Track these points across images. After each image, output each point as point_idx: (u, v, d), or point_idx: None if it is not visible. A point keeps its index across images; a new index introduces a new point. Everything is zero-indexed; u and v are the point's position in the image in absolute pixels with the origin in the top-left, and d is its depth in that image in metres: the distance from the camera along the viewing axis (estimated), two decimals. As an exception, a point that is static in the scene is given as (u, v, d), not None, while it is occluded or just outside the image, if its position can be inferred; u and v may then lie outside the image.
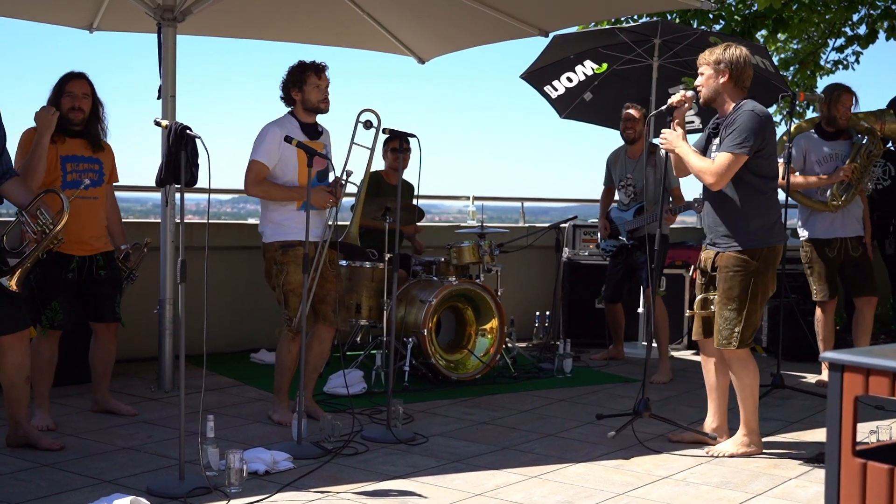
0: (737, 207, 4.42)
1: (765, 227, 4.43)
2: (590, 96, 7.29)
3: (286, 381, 4.96)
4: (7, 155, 4.22)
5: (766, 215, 4.44)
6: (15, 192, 4.19)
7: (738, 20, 10.11)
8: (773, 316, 7.31)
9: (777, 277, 4.59)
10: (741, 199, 4.41)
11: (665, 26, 6.63)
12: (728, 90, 4.46)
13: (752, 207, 4.41)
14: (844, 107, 5.99)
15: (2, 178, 4.18)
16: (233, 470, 3.71)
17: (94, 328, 4.95)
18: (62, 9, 6.73)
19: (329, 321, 4.92)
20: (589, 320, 7.59)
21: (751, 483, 4.03)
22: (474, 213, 8.42)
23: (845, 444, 2.01)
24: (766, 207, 4.45)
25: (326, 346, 5.01)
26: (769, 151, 4.43)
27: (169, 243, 5.60)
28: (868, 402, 5.26)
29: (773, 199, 4.53)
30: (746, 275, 4.40)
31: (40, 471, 3.97)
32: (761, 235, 4.42)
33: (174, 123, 3.92)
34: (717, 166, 4.36)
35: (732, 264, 4.42)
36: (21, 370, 4.17)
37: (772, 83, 6.73)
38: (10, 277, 3.99)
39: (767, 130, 4.40)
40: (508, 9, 6.42)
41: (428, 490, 3.84)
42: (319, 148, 4.86)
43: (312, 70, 4.85)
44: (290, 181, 4.82)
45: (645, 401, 4.74)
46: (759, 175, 4.41)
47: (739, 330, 4.41)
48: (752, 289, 4.41)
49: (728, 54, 4.45)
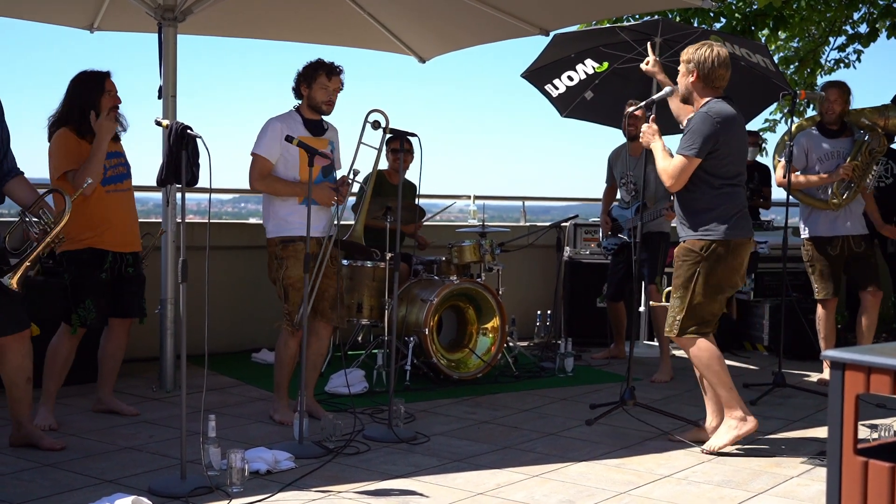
0: (693, 202, 4.53)
1: (718, 221, 4.47)
2: (591, 95, 7.28)
3: (285, 377, 4.96)
4: (11, 153, 4.22)
5: (720, 209, 4.48)
6: (19, 191, 4.19)
7: (739, 18, 10.11)
8: (774, 314, 7.32)
9: (778, 276, 4.61)
10: (697, 194, 4.51)
11: (666, 25, 6.61)
12: (698, 90, 4.53)
13: (706, 202, 4.49)
14: (829, 101, 6.01)
15: (6, 176, 4.18)
16: (234, 469, 3.71)
17: (111, 324, 4.96)
18: (63, 9, 6.73)
19: (327, 318, 4.92)
20: (590, 319, 7.60)
21: (752, 481, 4.03)
22: (475, 213, 8.42)
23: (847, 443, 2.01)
24: (720, 202, 4.49)
25: (325, 344, 5.01)
26: (724, 153, 4.46)
27: (170, 243, 5.60)
28: (869, 400, 5.26)
29: (730, 194, 4.51)
30: (693, 265, 4.48)
31: (42, 471, 3.98)
32: (712, 228, 4.47)
33: (175, 123, 3.92)
34: (671, 168, 4.47)
35: (682, 254, 4.54)
36: (22, 371, 4.17)
37: (773, 82, 6.73)
38: (12, 277, 3.99)
39: (722, 132, 4.42)
40: (509, 8, 6.42)
41: (429, 489, 3.84)
42: (323, 145, 4.85)
43: (324, 70, 4.86)
44: (293, 177, 4.83)
45: (630, 389, 4.87)
46: (713, 174, 4.47)
47: (680, 318, 4.50)
48: (698, 279, 4.48)
49: (697, 54, 4.50)
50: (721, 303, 4.60)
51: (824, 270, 6.04)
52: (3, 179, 4.17)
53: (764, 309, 7.42)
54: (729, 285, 4.57)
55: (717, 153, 4.44)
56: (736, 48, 6.52)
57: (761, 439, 4.74)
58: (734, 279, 4.57)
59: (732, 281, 4.57)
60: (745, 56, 6.53)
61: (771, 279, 7.47)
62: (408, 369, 5.87)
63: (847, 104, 6.06)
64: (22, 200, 4.18)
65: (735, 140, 4.52)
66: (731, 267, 4.51)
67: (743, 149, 4.62)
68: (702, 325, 4.51)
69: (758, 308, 7.49)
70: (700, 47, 4.51)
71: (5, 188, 4.18)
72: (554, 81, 7.28)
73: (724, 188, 4.50)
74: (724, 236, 4.47)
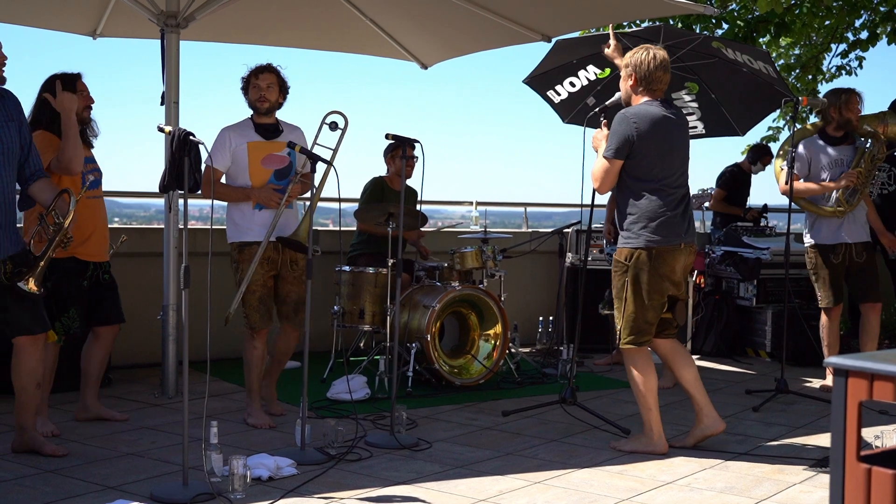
0: (621, 209, 4.54)
1: (639, 227, 4.44)
2: (593, 101, 7.28)
3: (255, 379, 5.04)
4: (35, 154, 4.22)
5: (640, 214, 4.44)
6: (41, 193, 4.19)
7: (741, 25, 10.11)
8: (776, 321, 7.32)
9: (780, 282, 4.61)
10: (621, 201, 4.53)
11: (668, 31, 6.62)
12: (635, 93, 4.52)
13: (629, 207, 4.48)
14: (856, 107, 5.99)
15: (30, 178, 4.19)
16: (236, 476, 3.71)
17: (96, 332, 4.95)
18: (66, 15, 6.74)
19: (290, 321, 5.05)
20: (593, 325, 7.59)
21: (755, 488, 4.03)
22: (477, 219, 8.42)
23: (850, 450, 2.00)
24: (641, 207, 4.44)
25: (291, 346, 5.15)
26: (642, 154, 4.41)
27: (172, 249, 5.60)
28: (872, 407, 5.25)
29: (653, 199, 4.43)
30: (621, 274, 4.50)
31: (44, 477, 3.97)
32: (635, 235, 4.45)
33: (177, 129, 3.93)
34: (594, 169, 4.52)
35: (613, 264, 4.57)
36: (33, 375, 4.18)
37: (775, 88, 6.73)
38: (27, 280, 4.00)
39: (638, 133, 4.37)
40: (511, 14, 6.43)
41: (432, 496, 3.83)
42: (278, 147, 4.98)
43: (253, 72, 5.04)
44: (244, 182, 4.95)
45: (572, 389, 5.01)
46: (633, 177, 4.45)
47: (620, 328, 4.52)
48: (626, 288, 4.47)
49: (635, 58, 4.50)
50: (656, 310, 4.50)
51: (828, 278, 6.03)
52: (28, 182, 4.18)
53: (766, 315, 7.42)
54: (658, 293, 4.46)
55: (636, 155, 4.40)
56: (738, 54, 6.53)
57: (764, 446, 4.74)
58: (663, 286, 4.47)
59: (661, 288, 4.46)
60: (746, 62, 6.53)
61: (773, 285, 7.46)
62: (410, 375, 5.87)
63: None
64: (44, 202, 4.19)
65: (656, 141, 4.41)
66: (658, 274, 4.44)
67: (669, 151, 4.46)
68: (639, 335, 4.48)
69: (760, 314, 7.48)
70: (638, 51, 4.52)
71: (30, 190, 4.19)
72: (556, 87, 7.28)
73: (645, 192, 4.43)
74: (644, 244, 4.41)
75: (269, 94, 5.00)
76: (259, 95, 5.00)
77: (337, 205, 5.17)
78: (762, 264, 7.42)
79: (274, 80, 5.03)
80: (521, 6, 6.38)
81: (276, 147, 4.98)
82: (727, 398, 5.90)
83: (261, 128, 5.03)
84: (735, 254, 7.62)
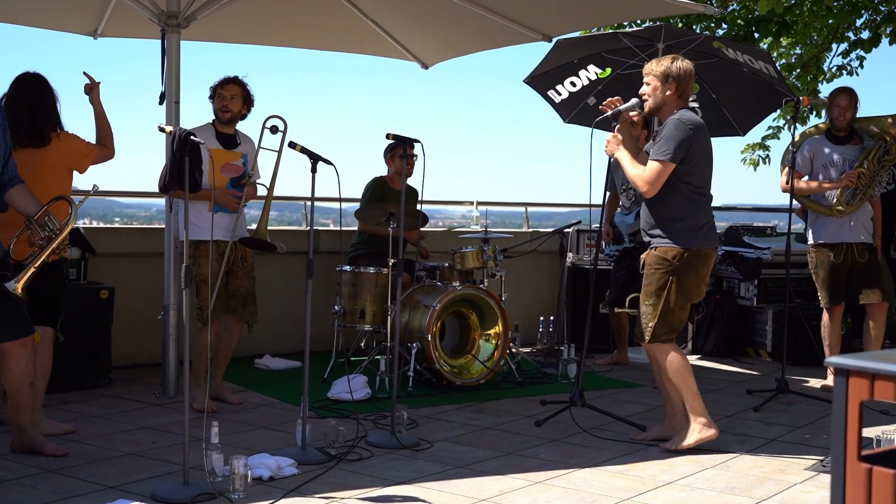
0: (664, 209, 4.60)
1: (689, 230, 4.57)
2: (593, 101, 7.28)
3: (201, 366, 5.25)
4: (12, 163, 4.21)
5: (691, 219, 4.58)
6: (20, 200, 4.17)
7: (742, 24, 10.10)
8: (777, 321, 7.31)
9: (781, 282, 4.63)
10: (668, 202, 4.58)
11: (668, 31, 6.62)
12: (671, 101, 4.63)
13: (677, 210, 4.57)
14: (839, 107, 6.01)
15: (7, 185, 4.18)
16: (237, 475, 3.71)
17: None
18: (66, 15, 6.74)
19: (237, 314, 5.33)
20: (593, 325, 7.57)
21: (756, 488, 4.02)
22: (478, 219, 8.42)
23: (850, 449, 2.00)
24: (692, 211, 4.59)
25: (235, 338, 5.41)
26: (695, 160, 4.55)
27: (173, 249, 5.60)
28: (873, 407, 5.25)
29: (701, 204, 4.62)
30: (665, 273, 4.55)
31: (45, 476, 3.97)
32: (684, 237, 4.57)
33: (178, 129, 3.93)
34: (647, 174, 4.53)
35: (654, 262, 4.61)
36: (25, 376, 4.16)
37: (775, 88, 6.73)
38: (17, 282, 3.99)
39: (694, 139, 4.52)
40: (512, 14, 6.43)
41: (432, 496, 3.83)
42: (235, 158, 5.29)
43: (220, 83, 5.34)
44: (203, 185, 5.02)
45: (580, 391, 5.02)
46: (685, 181, 4.55)
47: (653, 326, 4.59)
48: (670, 287, 4.56)
49: (675, 67, 4.62)
50: (688, 311, 4.71)
51: (829, 277, 6.03)
52: (4, 188, 4.17)
53: (767, 315, 7.42)
54: (697, 293, 4.67)
55: (689, 160, 4.52)
56: (738, 54, 6.53)
57: (765, 446, 4.74)
58: (701, 288, 4.68)
59: (699, 290, 4.67)
60: (747, 62, 6.53)
61: (774, 285, 7.46)
62: (410, 375, 5.87)
63: (856, 110, 6.06)
64: (23, 209, 4.15)
65: (704, 149, 4.61)
66: (699, 276, 4.62)
67: (710, 160, 4.69)
68: (670, 333, 4.62)
69: (761, 314, 7.48)
70: (675, 60, 4.64)
71: (6, 197, 4.18)
72: (557, 87, 7.28)
73: (694, 197, 4.59)
74: (695, 245, 4.56)
75: (232, 104, 5.32)
76: (222, 105, 5.32)
77: (337, 205, 5.18)
78: (763, 264, 7.42)
79: (238, 92, 5.34)
80: (522, 6, 6.38)
81: (234, 157, 5.30)
82: (728, 398, 5.90)
83: (221, 136, 5.35)
84: (736, 254, 7.62)
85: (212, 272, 5.11)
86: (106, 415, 5.13)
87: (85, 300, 5.70)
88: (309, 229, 4.50)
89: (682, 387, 4.61)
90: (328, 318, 6.42)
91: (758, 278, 7.43)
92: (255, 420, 5.11)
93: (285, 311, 7.04)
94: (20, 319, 4.11)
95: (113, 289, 5.88)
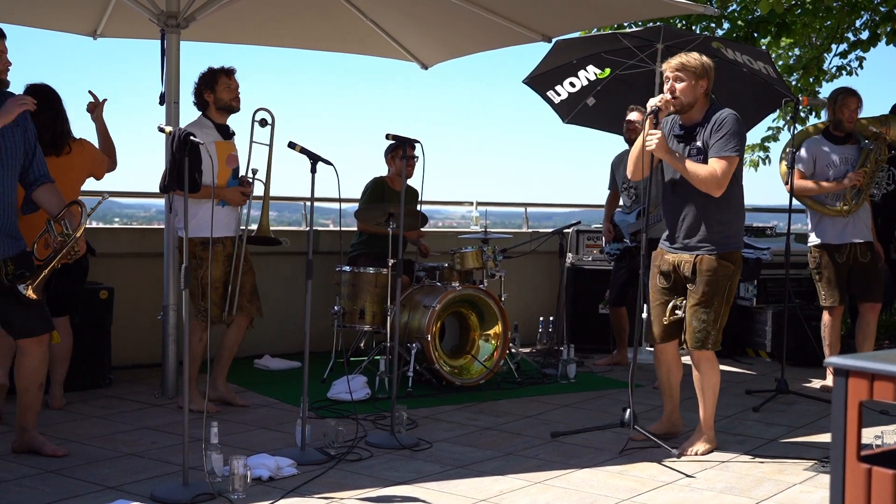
0: (726, 209, 4.46)
1: (740, 231, 4.58)
2: (592, 101, 7.29)
3: (196, 369, 5.28)
4: (40, 158, 4.22)
5: (741, 219, 4.59)
6: (46, 199, 4.18)
7: (741, 25, 10.11)
8: (777, 321, 7.31)
9: (780, 282, 4.63)
10: (724, 202, 4.44)
11: (668, 31, 6.63)
12: (702, 97, 4.52)
13: (736, 208, 4.52)
14: (850, 109, 5.99)
15: (34, 183, 4.18)
16: (237, 476, 3.71)
17: None
18: (66, 16, 6.75)
19: (244, 310, 5.34)
20: (593, 325, 7.59)
21: (756, 488, 4.03)
22: (478, 219, 8.42)
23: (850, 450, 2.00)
24: (741, 212, 4.58)
25: (242, 332, 5.40)
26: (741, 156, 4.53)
27: (172, 250, 5.60)
28: (873, 407, 5.25)
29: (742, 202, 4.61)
30: (724, 278, 4.47)
31: (44, 477, 3.97)
32: (739, 237, 4.57)
33: (178, 130, 3.93)
34: (720, 174, 4.34)
35: (715, 267, 4.45)
36: (36, 375, 4.19)
37: (774, 88, 6.73)
38: (28, 285, 3.99)
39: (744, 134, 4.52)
40: (511, 14, 6.43)
41: (432, 496, 3.83)
42: (231, 149, 5.29)
43: (223, 73, 5.25)
44: (210, 181, 4.97)
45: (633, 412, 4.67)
46: (737, 179, 4.49)
47: (715, 332, 4.50)
48: (729, 290, 4.52)
49: (706, 62, 4.49)
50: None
51: (832, 278, 6.03)
52: (32, 186, 4.18)
53: (767, 315, 7.42)
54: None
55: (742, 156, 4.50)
56: (738, 55, 6.53)
57: (764, 446, 4.74)
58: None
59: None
60: (746, 63, 6.53)
61: (774, 285, 7.46)
62: (410, 375, 5.87)
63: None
64: (49, 208, 4.17)
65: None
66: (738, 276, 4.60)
67: None
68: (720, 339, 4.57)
69: (761, 314, 7.48)
70: (701, 57, 4.50)
71: (34, 195, 4.19)
72: (556, 88, 7.28)
73: (741, 196, 4.55)
74: (742, 247, 4.57)
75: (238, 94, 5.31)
76: (235, 95, 5.28)
77: (337, 205, 5.18)
78: (762, 264, 7.42)
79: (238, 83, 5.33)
80: (521, 6, 6.38)
81: (230, 148, 5.30)
82: (727, 398, 5.89)
83: (220, 128, 5.30)
84: (735, 254, 7.62)
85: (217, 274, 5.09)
86: (106, 415, 5.13)
87: (85, 300, 5.69)
88: (309, 229, 4.50)
89: (711, 400, 4.58)
90: (328, 318, 6.42)
91: (757, 278, 7.43)
92: (254, 420, 5.10)
93: (285, 312, 7.04)
94: (38, 317, 4.12)
95: (112, 289, 5.88)
